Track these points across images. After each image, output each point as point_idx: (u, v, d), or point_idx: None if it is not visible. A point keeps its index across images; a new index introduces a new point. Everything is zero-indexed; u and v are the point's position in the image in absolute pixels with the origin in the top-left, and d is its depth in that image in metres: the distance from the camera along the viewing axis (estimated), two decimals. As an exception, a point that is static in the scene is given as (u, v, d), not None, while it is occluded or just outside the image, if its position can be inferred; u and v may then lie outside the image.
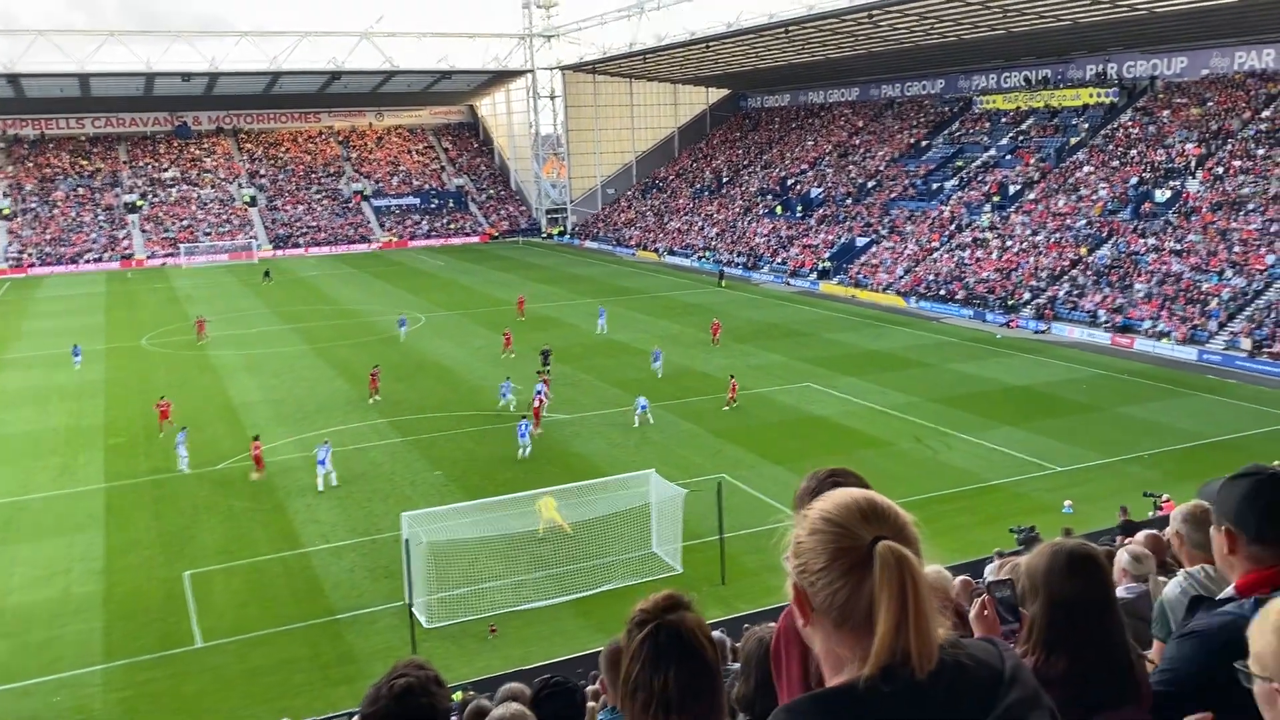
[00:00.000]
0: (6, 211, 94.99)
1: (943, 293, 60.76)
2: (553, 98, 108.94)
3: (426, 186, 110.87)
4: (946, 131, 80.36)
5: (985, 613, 3.17)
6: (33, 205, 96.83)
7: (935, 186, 73.49)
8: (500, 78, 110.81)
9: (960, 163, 74.66)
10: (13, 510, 29.93)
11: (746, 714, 3.96)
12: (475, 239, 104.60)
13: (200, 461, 33.26)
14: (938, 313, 58.97)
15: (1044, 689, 1.87)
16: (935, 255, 65.52)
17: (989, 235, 64.21)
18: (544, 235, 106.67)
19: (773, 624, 4.83)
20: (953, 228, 67.37)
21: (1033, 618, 3.00)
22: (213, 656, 21.68)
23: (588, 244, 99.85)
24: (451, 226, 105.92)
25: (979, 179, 71.27)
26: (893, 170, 79.45)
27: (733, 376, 39.48)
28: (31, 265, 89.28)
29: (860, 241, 72.52)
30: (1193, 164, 58.33)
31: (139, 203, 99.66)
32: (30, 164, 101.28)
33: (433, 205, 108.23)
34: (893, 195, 75.90)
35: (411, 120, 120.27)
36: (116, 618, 23.40)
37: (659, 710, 2.36)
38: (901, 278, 64.92)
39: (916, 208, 72.38)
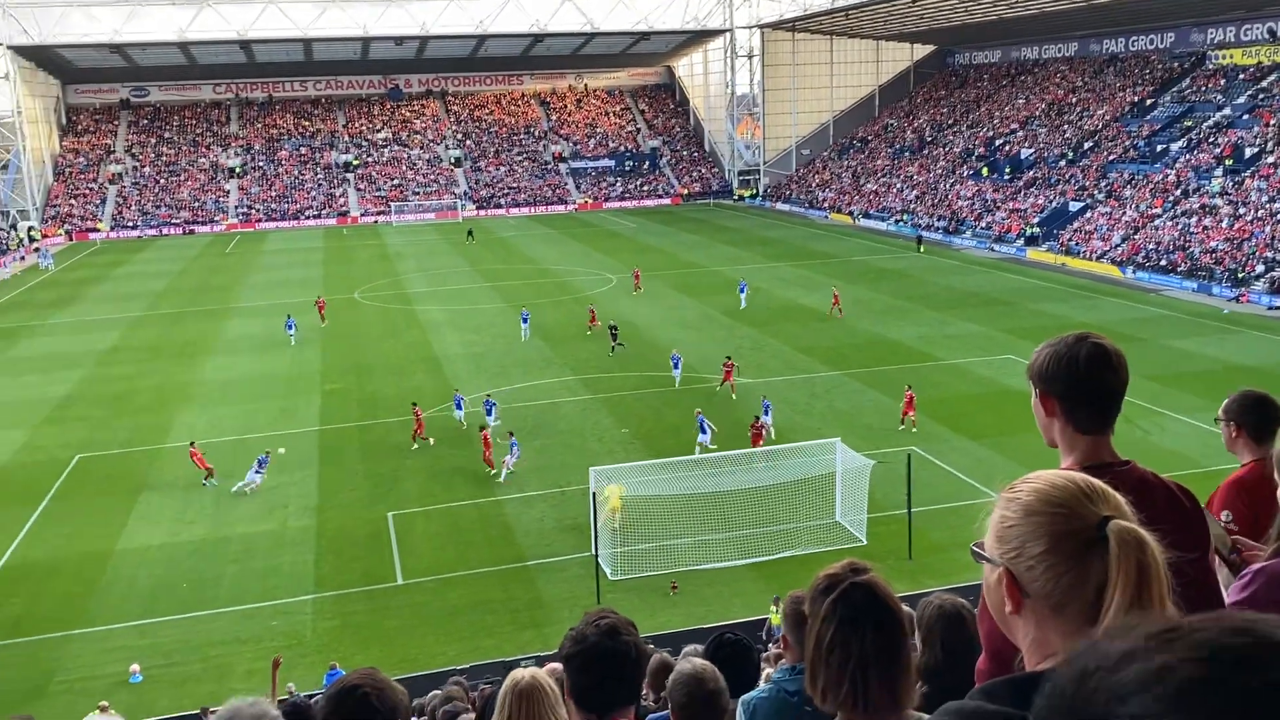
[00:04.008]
0: (238, 170, 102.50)
1: (1164, 263, 56.71)
2: (750, 57, 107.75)
3: (622, 149, 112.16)
4: (1175, 89, 74.53)
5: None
6: (260, 164, 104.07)
7: (1160, 148, 68.42)
8: (698, 38, 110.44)
9: (1189, 123, 69.16)
10: (238, 447, 32.51)
11: (927, 685, 3.85)
12: (667, 201, 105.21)
13: (404, 409, 35.11)
14: (1157, 284, 55.12)
15: None
16: (1157, 222, 61.13)
17: (1219, 201, 59.32)
18: (735, 197, 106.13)
19: (946, 593, 4.67)
20: (1178, 193, 62.62)
21: None
22: (412, 594, 22.98)
23: (779, 206, 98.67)
24: (644, 189, 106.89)
25: (1210, 140, 65.84)
26: (1112, 130, 74.47)
27: (909, 388, 32.79)
28: (259, 220, 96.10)
29: (1074, 206, 68.51)
30: None
31: (354, 162, 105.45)
32: (259, 125, 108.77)
33: (627, 167, 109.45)
34: (1111, 157, 71.20)
35: (610, 82, 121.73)
36: (327, 552, 25.13)
37: (858, 670, 2.33)
38: (1118, 246, 60.97)
39: (1138, 171, 67.66)
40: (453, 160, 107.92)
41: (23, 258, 78.75)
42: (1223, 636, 0.91)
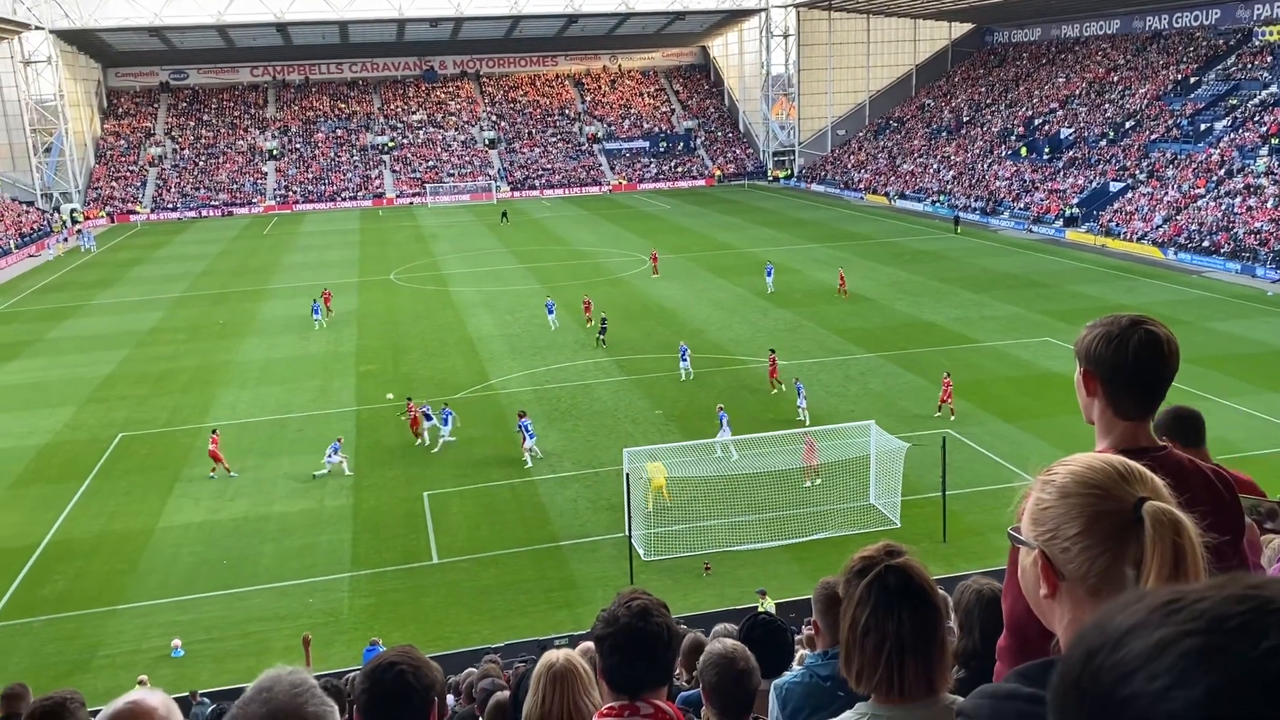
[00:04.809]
0: (275, 151, 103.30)
1: (1206, 244, 55.75)
2: (785, 36, 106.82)
3: (656, 130, 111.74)
4: (1220, 67, 73.01)
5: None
6: (297, 146, 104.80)
7: (1203, 127, 67.12)
8: (733, 17, 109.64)
9: (1234, 101, 67.76)
10: (276, 427, 32.91)
11: (964, 670, 3.84)
12: (701, 182, 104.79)
13: (439, 390, 35.35)
14: (1199, 266, 54.21)
15: None
16: (1200, 203, 60.06)
17: (1264, 181, 58.13)
18: (769, 178, 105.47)
19: (984, 578, 4.64)
20: (1222, 172, 61.46)
21: None
22: (447, 573, 23.20)
23: (814, 187, 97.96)
24: (679, 170, 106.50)
25: (1255, 119, 64.49)
26: (1154, 109, 73.15)
27: (947, 374, 32.32)
28: (296, 202, 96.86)
29: (1114, 186, 67.45)
30: None
31: (389, 144, 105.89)
32: (295, 108, 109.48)
33: (661, 149, 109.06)
34: (1153, 136, 69.98)
35: (644, 63, 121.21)
36: (364, 530, 25.41)
37: (894, 653, 2.32)
38: (1159, 226, 59.99)
39: (1180, 150, 66.46)
40: (487, 142, 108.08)
41: (65, 239, 79.95)
42: (1223, 605, 0.90)
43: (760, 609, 17.66)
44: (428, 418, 30.77)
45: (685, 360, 36.02)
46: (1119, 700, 0.90)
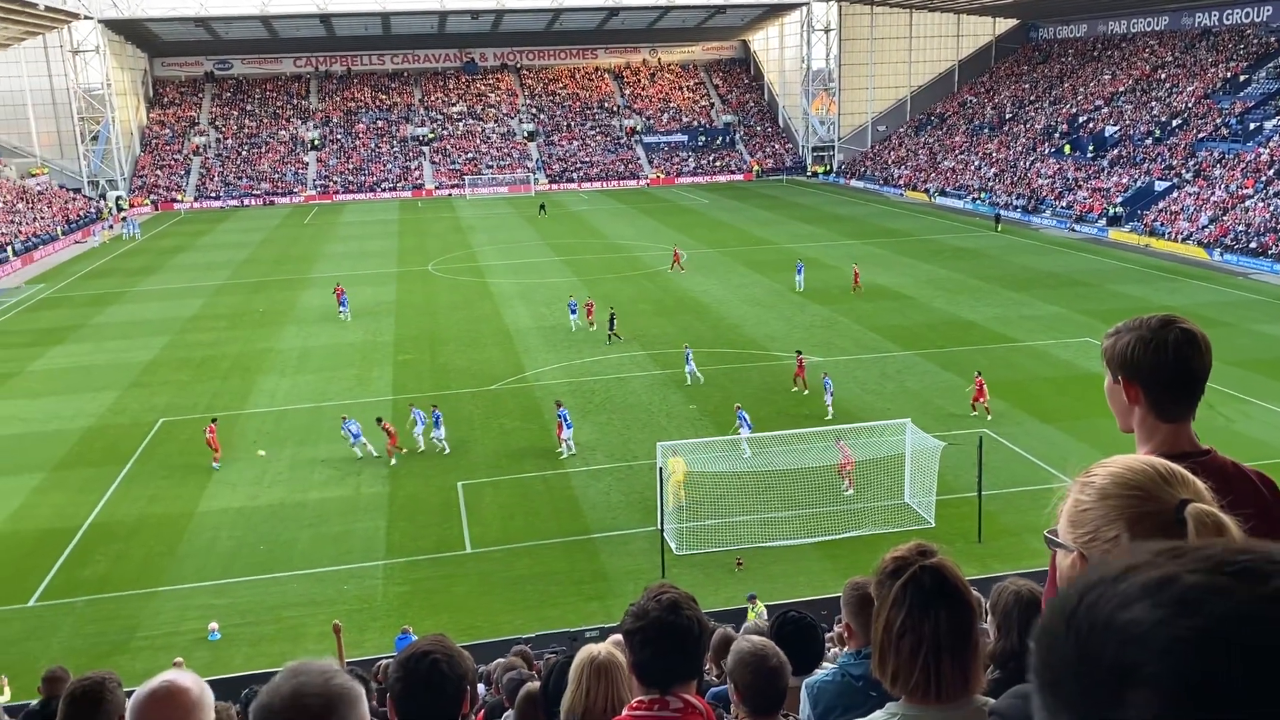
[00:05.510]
0: (316, 142, 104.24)
1: (1254, 245, 54.74)
2: (827, 31, 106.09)
3: (695, 123, 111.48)
4: (1272, 64, 71.58)
5: None
6: (338, 137, 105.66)
7: (1253, 126, 65.86)
8: (774, 11, 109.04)
9: (1286, 99, 66.46)
10: (313, 415, 33.24)
11: (1000, 671, 3.81)
12: (740, 177, 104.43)
13: (475, 381, 35.54)
14: (1245, 267, 53.24)
15: None
16: (1248, 203, 58.97)
17: (1315, 182, 57.01)
18: (809, 173, 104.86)
19: (1022, 579, 4.59)
20: (1271, 173, 60.30)
21: None
22: (480, 562, 23.34)
23: (853, 183, 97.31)
24: (717, 164, 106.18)
25: (1307, 118, 63.21)
26: (1202, 108, 71.88)
27: (979, 373, 31.70)
28: (336, 192, 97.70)
29: (1159, 186, 66.40)
30: None
31: (429, 136, 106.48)
32: (337, 98, 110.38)
33: (700, 142, 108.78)
34: (1201, 135, 68.78)
35: (684, 56, 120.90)
36: (399, 518, 25.62)
37: (930, 653, 2.30)
38: (1205, 227, 58.99)
39: (1229, 149, 65.27)
40: (526, 134, 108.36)
41: (111, 226, 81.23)
42: (1228, 553, 0.92)
43: (751, 614, 17.49)
44: (418, 422, 29.86)
45: (690, 363, 35.33)
46: (1118, 625, 0.90)
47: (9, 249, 66.73)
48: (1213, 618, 0.86)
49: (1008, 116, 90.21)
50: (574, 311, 43.20)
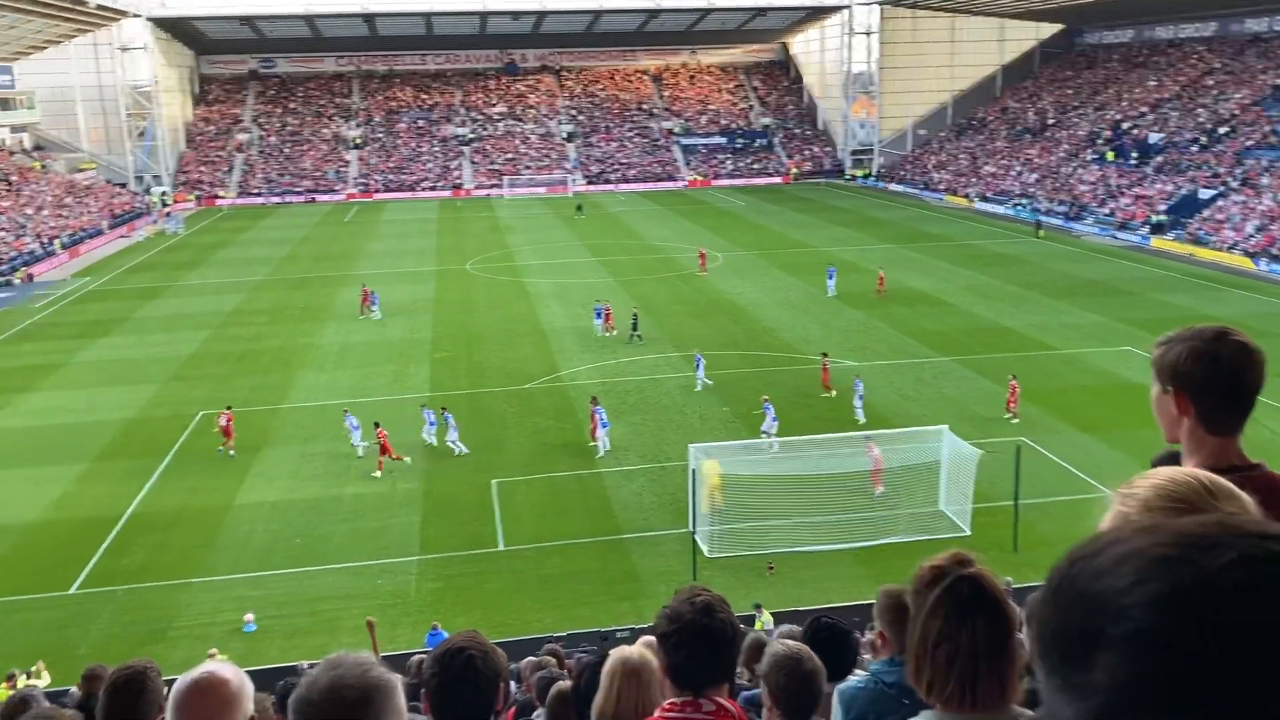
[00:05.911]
0: (358, 140, 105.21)
1: (1301, 255, 53.76)
2: (868, 34, 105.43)
3: (733, 126, 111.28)
4: (1323, 71, 70.32)
5: None
6: (379, 136, 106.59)
7: (1302, 134, 64.70)
8: (815, 14, 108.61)
9: (1337, 107, 65.21)
10: (351, 409, 33.49)
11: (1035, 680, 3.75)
12: (778, 179, 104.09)
13: (510, 379, 35.70)
14: (1292, 278, 52.32)
15: None
16: (1295, 213, 57.93)
17: (1366, 192, 55.89)
18: (847, 177, 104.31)
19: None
20: (1320, 182, 59.21)
21: None
22: (513, 560, 23.45)
23: (893, 187, 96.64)
24: (755, 167, 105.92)
25: (1360, 126, 61.96)
26: (1251, 115, 70.68)
27: (1013, 377, 31.95)
28: (377, 191, 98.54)
29: (1205, 194, 65.37)
30: None
31: (470, 136, 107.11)
32: (379, 97, 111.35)
33: (738, 145, 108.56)
34: (1249, 143, 67.64)
35: (723, 59, 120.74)
36: (433, 515, 25.81)
37: (967, 663, 2.29)
38: (1251, 236, 58.01)
39: (1277, 157, 64.13)
40: (564, 135, 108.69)
41: (155, 221, 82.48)
42: (1195, 528, 0.99)
43: (759, 624, 17.36)
44: (431, 423, 30.14)
45: (700, 370, 34.99)
46: (1090, 595, 0.99)
47: (56, 242, 67.99)
48: (1167, 585, 0.94)
49: (1050, 122, 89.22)
50: (600, 316, 42.60)
